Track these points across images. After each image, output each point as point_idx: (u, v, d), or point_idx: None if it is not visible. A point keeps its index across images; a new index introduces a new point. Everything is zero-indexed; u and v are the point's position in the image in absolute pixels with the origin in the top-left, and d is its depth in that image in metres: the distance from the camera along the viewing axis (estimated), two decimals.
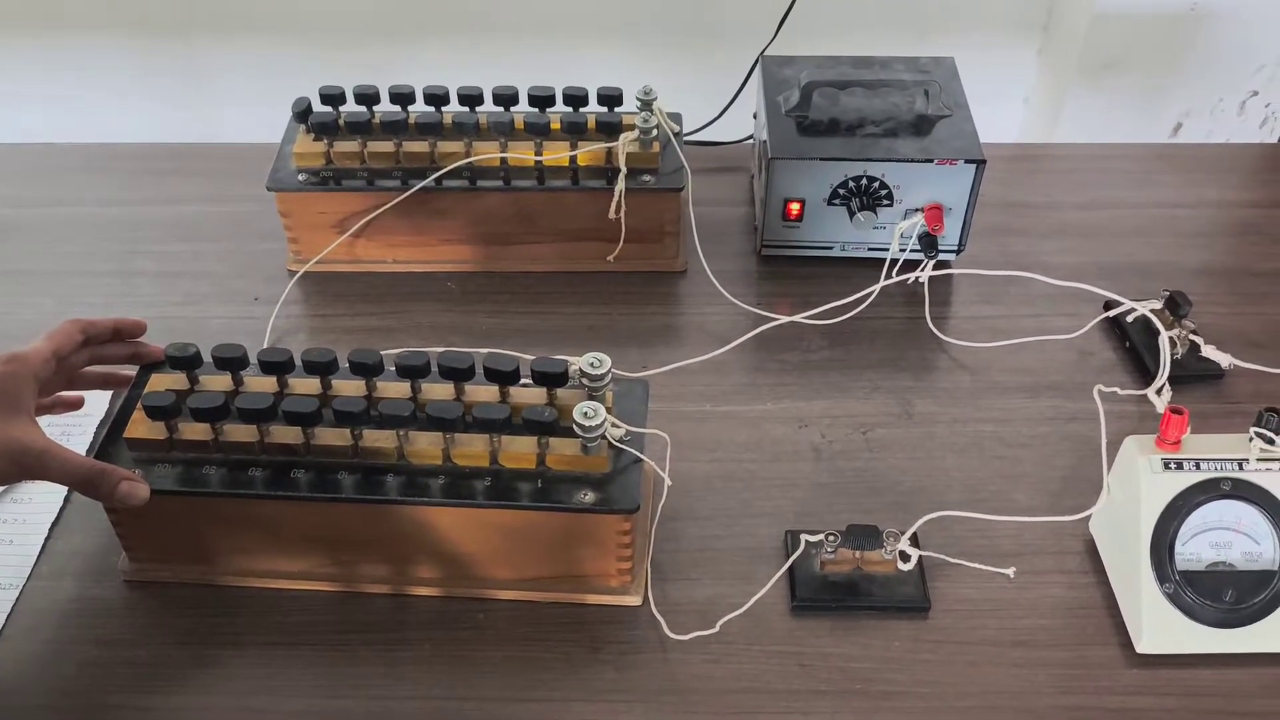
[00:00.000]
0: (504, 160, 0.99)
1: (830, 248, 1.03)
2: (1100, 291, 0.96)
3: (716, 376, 0.94)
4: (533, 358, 0.76)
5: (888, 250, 0.99)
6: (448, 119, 0.99)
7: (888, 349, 0.97)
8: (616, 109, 1.00)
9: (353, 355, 0.75)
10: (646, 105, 0.99)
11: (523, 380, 0.77)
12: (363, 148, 0.99)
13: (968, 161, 0.96)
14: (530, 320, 0.99)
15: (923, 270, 1.00)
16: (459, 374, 0.75)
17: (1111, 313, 0.97)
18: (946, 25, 1.65)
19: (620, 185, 0.97)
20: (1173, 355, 0.92)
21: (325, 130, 0.99)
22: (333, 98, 0.99)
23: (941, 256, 1.01)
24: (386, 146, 0.99)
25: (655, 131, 0.98)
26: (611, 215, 0.98)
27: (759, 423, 0.90)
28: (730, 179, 1.15)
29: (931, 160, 0.96)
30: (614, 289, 1.02)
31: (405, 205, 0.99)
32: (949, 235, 1.01)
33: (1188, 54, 1.60)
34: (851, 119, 1.00)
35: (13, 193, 1.15)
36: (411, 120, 0.99)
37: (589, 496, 0.73)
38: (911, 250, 1.00)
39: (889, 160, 0.96)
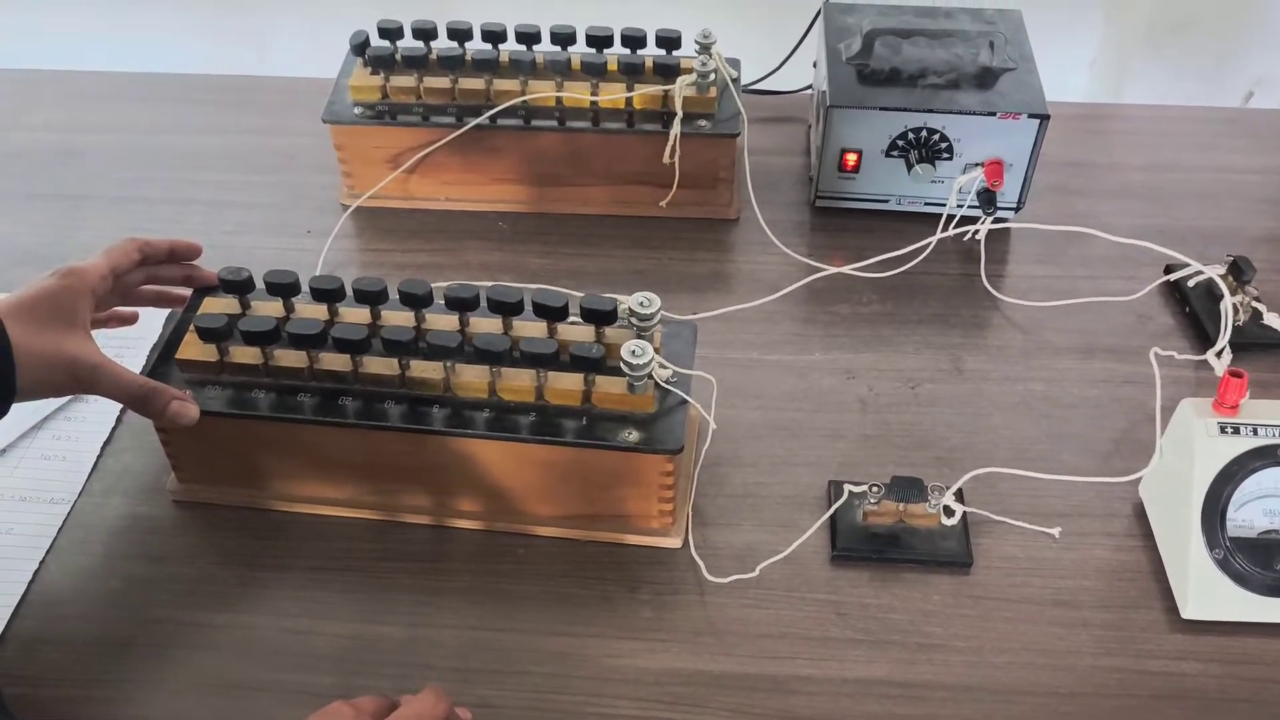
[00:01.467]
0: (559, 100, 0.98)
1: (886, 200, 1.01)
2: (1163, 250, 0.93)
3: (766, 325, 0.93)
4: (582, 295, 0.76)
5: (945, 205, 0.98)
6: (504, 57, 0.98)
7: (940, 305, 0.95)
8: (674, 52, 0.99)
9: (402, 285, 0.75)
10: (705, 49, 0.98)
11: (571, 318, 0.77)
12: (419, 83, 0.99)
13: (1031, 116, 0.94)
14: (580, 262, 0.99)
15: (980, 226, 0.98)
16: (508, 308, 0.75)
17: (1172, 276, 0.95)
18: None
19: (676, 129, 0.96)
20: (1235, 322, 0.90)
21: (382, 64, 0.98)
22: (390, 32, 0.99)
23: (1000, 213, 0.99)
24: (442, 83, 0.98)
25: (713, 76, 0.97)
26: (666, 159, 0.98)
27: (806, 373, 0.90)
28: (788, 129, 1.14)
29: (994, 114, 0.94)
30: (666, 234, 1.01)
31: (459, 143, 0.99)
32: (1008, 192, 0.99)
33: (1261, 18, 1.55)
34: (913, 69, 0.98)
35: (69, 118, 1.16)
36: (468, 57, 0.98)
37: (633, 435, 0.72)
38: (970, 206, 0.98)
39: (950, 112, 0.94)
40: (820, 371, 0.90)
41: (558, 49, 0.98)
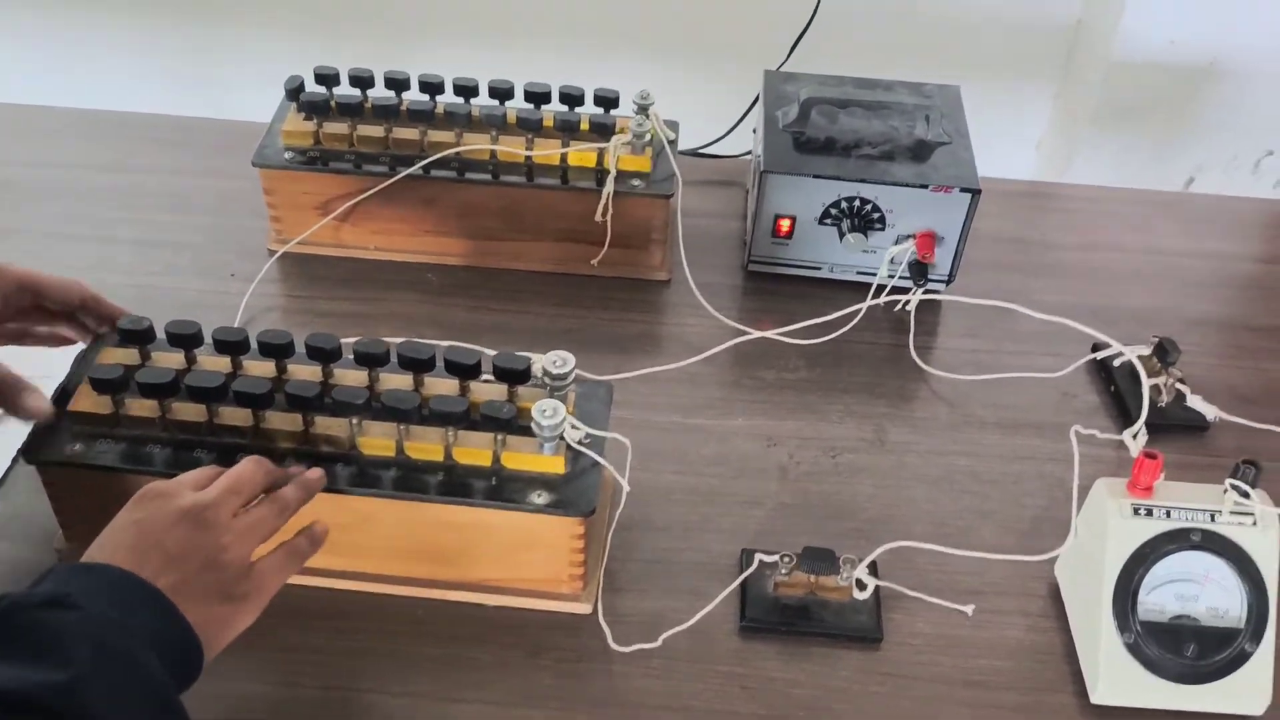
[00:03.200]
0: (494, 154, 0.97)
1: (819, 268, 1.01)
2: (1088, 331, 0.94)
3: (690, 388, 0.92)
4: (494, 354, 0.74)
5: (877, 275, 0.98)
6: (440, 108, 0.98)
7: (867, 374, 0.95)
8: (612, 111, 0.99)
9: (310, 339, 0.73)
10: (642, 110, 0.98)
11: (485, 376, 0.75)
12: (352, 130, 0.98)
13: (963, 190, 0.94)
14: (507, 318, 0.98)
15: (911, 297, 0.98)
16: (418, 365, 0.74)
17: (1098, 355, 0.95)
18: (965, 62, 1.64)
19: (608, 188, 0.95)
20: (1158, 403, 0.90)
21: (316, 110, 0.97)
22: (326, 78, 0.98)
23: (931, 285, 0.99)
24: (376, 131, 0.98)
25: (649, 137, 0.97)
26: (598, 218, 0.97)
27: (728, 438, 0.89)
28: (728, 193, 1.14)
29: (926, 186, 0.94)
30: (596, 294, 1.01)
31: (391, 192, 0.98)
32: (940, 264, 0.99)
33: (1204, 109, 1.58)
34: (849, 139, 0.98)
35: (6, 151, 1.14)
36: (404, 107, 0.97)
37: (543, 497, 0.71)
38: (901, 277, 0.98)
39: (883, 183, 0.95)
40: (742, 437, 0.89)
41: (495, 103, 0.98)
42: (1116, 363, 0.94)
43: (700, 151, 1.16)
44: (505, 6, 1.63)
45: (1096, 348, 0.96)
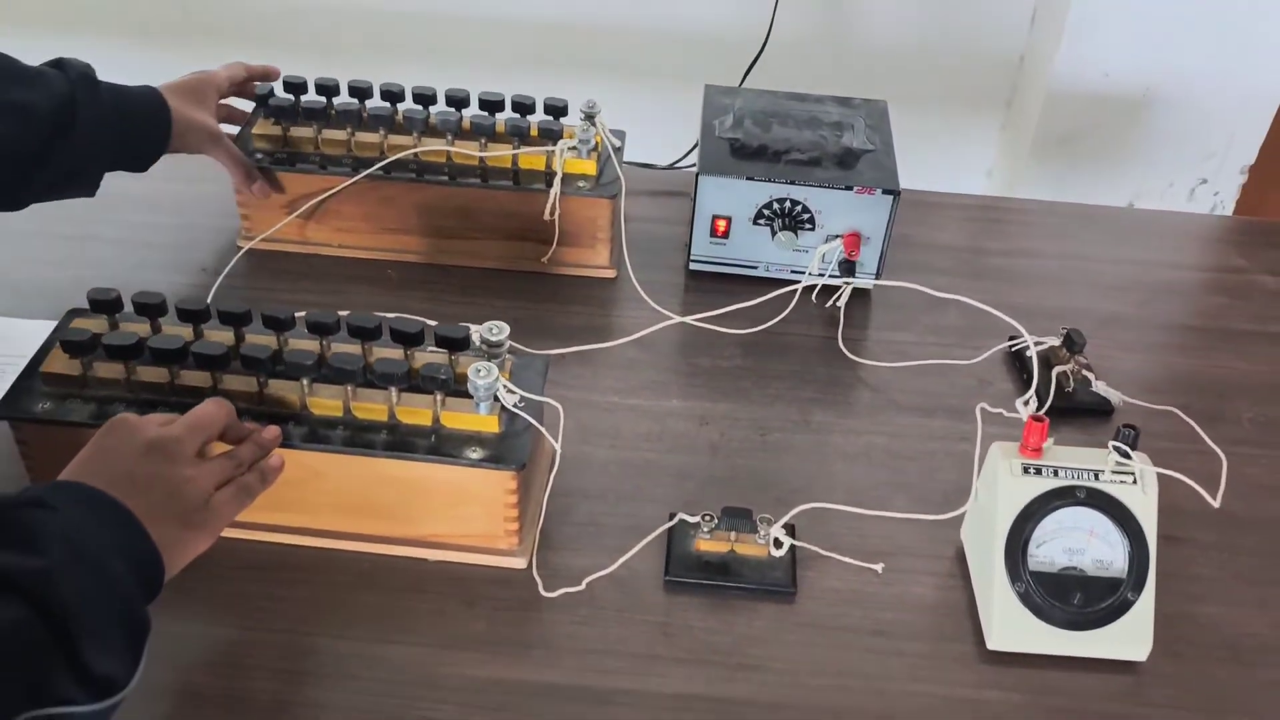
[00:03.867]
0: (449, 156, 1.04)
1: (755, 266, 1.08)
2: (1005, 319, 1.00)
3: (628, 372, 0.98)
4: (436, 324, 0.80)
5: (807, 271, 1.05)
6: (400, 115, 1.05)
7: (797, 363, 1.01)
8: (561, 120, 1.06)
9: (265, 310, 0.80)
10: (589, 118, 1.05)
11: (430, 348, 0.81)
12: (317, 134, 1.05)
13: (885, 192, 1.01)
14: (460, 309, 1.04)
15: (841, 292, 1.04)
16: (365, 333, 0.80)
17: (1012, 344, 1.02)
18: (915, 98, 1.73)
19: (555, 188, 1.02)
20: (1065, 388, 0.97)
21: (283, 115, 1.04)
22: (295, 86, 1.05)
23: (860, 283, 1.06)
24: (340, 135, 1.05)
25: (594, 143, 1.04)
26: (546, 217, 1.04)
27: (663, 418, 0.94)
28: (676, 202, 1.20)
29: (851, 188, 1.01)
30: (545, 289, 1.07)
31: (354, 192, 1.05)
32: (866, 262, 1.06)
33: (1140, 137, 1.67)
34: (780, 145, 1.05)
35: None
36: (366, 113, 1.04)
37: (477, 453, 0.77)
38: (830, 275, 1.05)
39: (810, 185, 1.02)
40: (676, 417, 0.95)
41: (451, 110, 1.05)
42: (1030, 353, 1.00)
43: (646, 163, 1.23)
44: (471, 39, 1.71)
45: (1012, 339, 1.02)
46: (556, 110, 1.06)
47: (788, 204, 1.03)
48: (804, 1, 1.54)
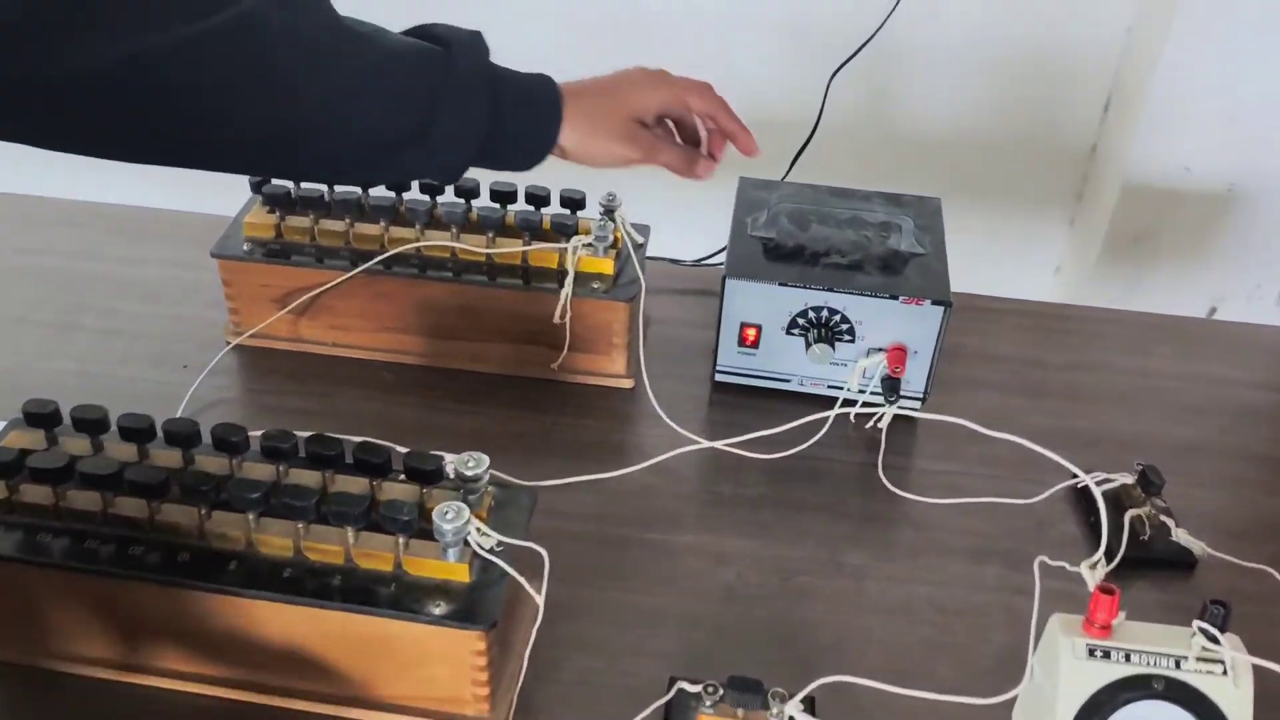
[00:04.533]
0: (454, 251, 0.95)
1: (788, 380, 0.97)
2: (1063, 463, 0.88)
3: (638, 500, 0.87)
4: (405, 451, 0.71)
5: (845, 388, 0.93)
6: (403, 205, 0.96)
7: (830, 494, 0.90)
8: (579, 213, 0.97)
9: (216, 429, 0.70)
10: (609, 212, 0.96)
11: (402, 475, 0.72)
12: (314, 224, 0.97)
13: (935, 302, 0.90)
14: (457, 419, 0.94)
15: (882, 413, 0.93)
16: (325, 461, 0.70)
17: (1078, 482, 0.89)
18: (978, 189, 1.62)
19: (566, 289, 0.93)
20: (1140, 536, 0.84)
21: (278, 203, 0.97)
22: None
23: (905, 402, 0.95)
24: (338, 225, 0.96)
25: (611, 239, 0.94)
26: (556, 319, 0.94)
27: (673, 553, 0.83)
28: (704, 302, 1.10)
29: (896, 297, 0.90)
30: (555, 398, 0.97)
31: (351, 288, 0.96)
32: (913, 380, 0.94)
33: (1222, 236, 1.54)
34: (819, 247, 0.95)
35: None
36: (366, 203, 0.96)
37: (441, 607, 0.66)
38: (872, 392, 0.94)
39: (850, 292, 0.91)
40: (689, 553, 0.84)
41: (459, 201, 0.96)
42: (1097, 491, 0.88)
43: (680, 260, 1.14)
44: None
45: (1077, 474, 0.90)
46: (573, 203, 0.96)
47: (824, 313, 0.92)
48: (857, 86, 1.44)
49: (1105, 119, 1.58)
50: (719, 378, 0.98)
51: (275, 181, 0.97)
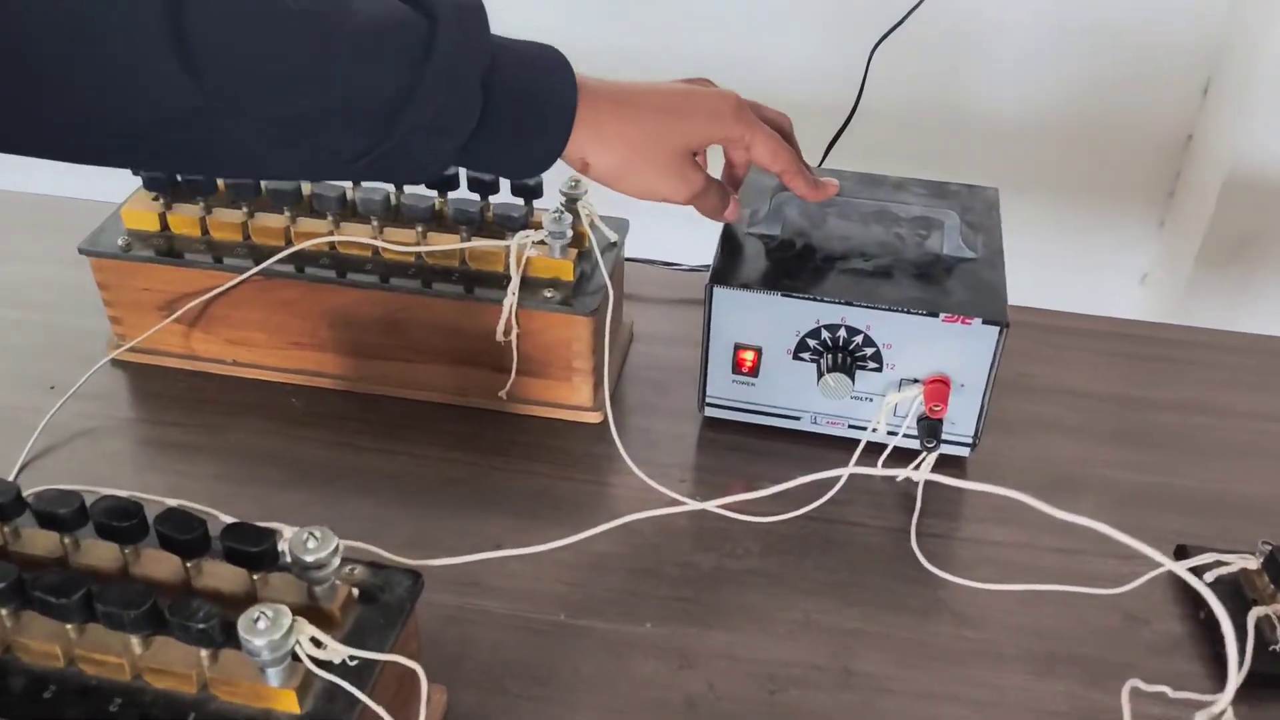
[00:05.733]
0: (376, 250, 0.76)
1: (798, 417, 0.76)
2: (1150, 552, 0.66)
3: (586, 575, 0.67)
4: (226, 524, 0.51)
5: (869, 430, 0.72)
6: (309, 189, 0.77)
7: (845, 569, 0.68)
8: (535, 202, 0.77)
9: (39, 498, 0.51)
10: (571, 202, 0.75)
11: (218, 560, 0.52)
12: (205, 214, 0.78)
13: (987, 322, 0.68)
14: (376, 460, 0.75)
15: (920, 464, 0.71)
16: (122, 534, 0.51)
17: (1183, 565, 0.66)
18: (1047, 184, 1.39)
19: (510, 298, 0.73)
20: (1271, 645, 0.61)
21: (161, 186, 0.78)
22: None
23: (948, 450, 0.73)
24: (234, 215, 0.77)
25: (569, 235, 0.74)
26: (499, 336, 0.74)
27: (623, 651, 0.63)
28: (699, 317, 0.90)
29: (936, 315, 0.69)
30: (501, 435, 0.77)
31: (250, 293, 0.77)
32: (958, 421, 0.72)
33: None
34: (835, 248, 0.73)
35: None
36: (267, 188, 0.77)
37: None
38: (905, 435, 0.72)
39: (876, 307, 0.69)
40: (645, 651, 0.63)
41: (382, 186, 0.77)
42: (1210, 576, 0.65)
43: (674, 264, 0.93)
44: None
45: (1181, 553, 0.67)
46: (526, 191, 0.76)
47: (842, 333, 0.71)
48: (905, 63, 1.21)
49: (1204, 104, 1.34)
50: (709, 412, 0.77)
51: None
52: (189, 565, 0.51)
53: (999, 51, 1.33)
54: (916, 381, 0.71)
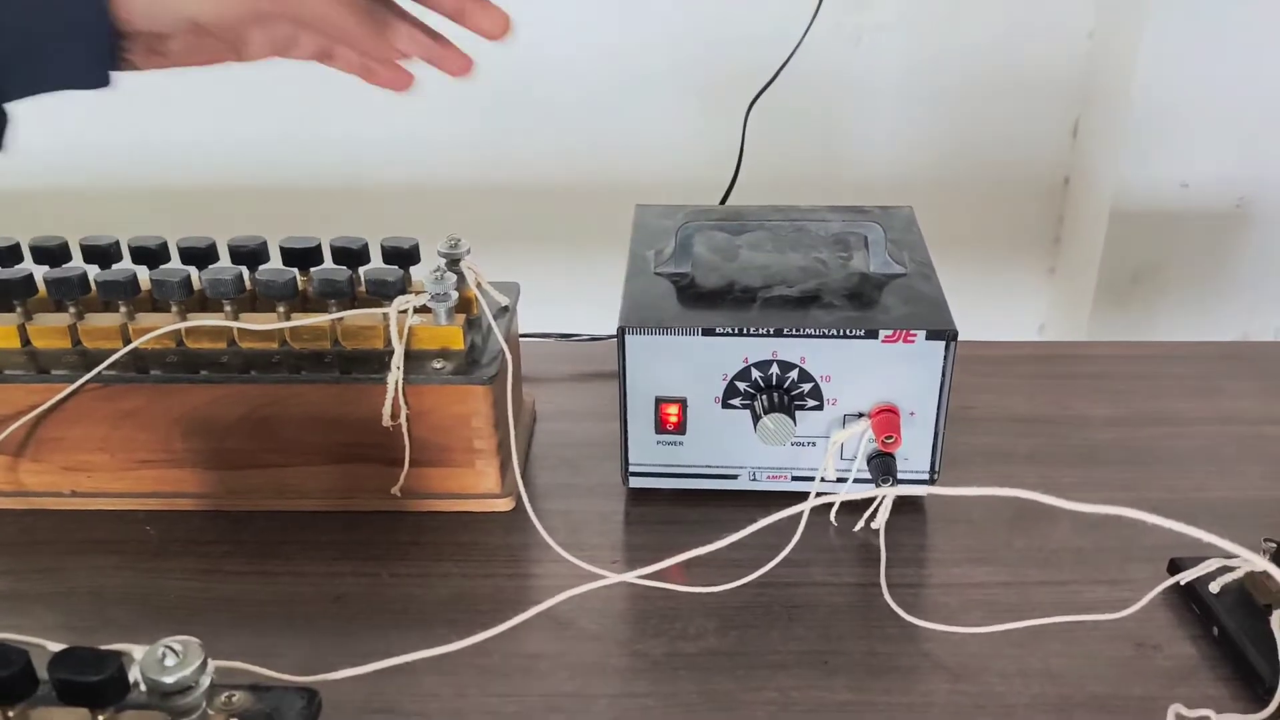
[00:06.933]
0: (231, 337, 0.66)
1: (735, 475, 0.67)
2: (1162, 529, 0.58)
3: (523, 679, 0.56)
4: (60, 649, 0.39)
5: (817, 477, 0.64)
6: (149, 278, 0.67)
7: (815, 636, 0.59)
8: (412, 268, 0.68)
9: None
10: (452, 262, 0.67)
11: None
12: (24, 319, 0.66)
13: (931, 335, 0.61)
14: (251, 585, 0.63)
15: (875, 508, 0.64)
16: None
17: (1182, 577, 0.59)
18: (938, 241, 1.36)
19: (395, 374, 0.63)
20: None
21: None
22: (3, 253, 0.68)
23: (905, 488, 0.65)
24: (59, 319, 0.66)
25: (455, 298, 0.65)
26: (386, 421, 0.64)
27: None
28: (608, 389, 0.80)
29: (875, 334, 0.62)
30: (395, 537, 0.66)
31: (84, 406, 0.65)
32: (913, 454, 0.65)
33: (1240, 258, 1.28)
34: (754, 279, 0.66)
35: None
36: (94, 280, 0.66)
37: None
38: (855, 479, 0.64)
39: (809, 335, 0.62)
40: None
41: (230, 266, 0.67)
42: (1215, 586, 0.58)
43: (569, 335, 0.85)
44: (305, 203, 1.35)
45: (1175, 566, 0.60)
46: (400, 255, 0.67)
47: (774, 370, 0.63)
48: (783, 131, 1.18)
49: (1075, 144, 1.34)
50: (634, 482, 0.68)
51: None
52: (10, 715, 0.39)
53: (869, 113, 1.32)
54: (862, 415, 0.64)
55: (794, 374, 0.63)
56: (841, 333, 0.62)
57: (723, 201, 1.06)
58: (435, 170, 1.33)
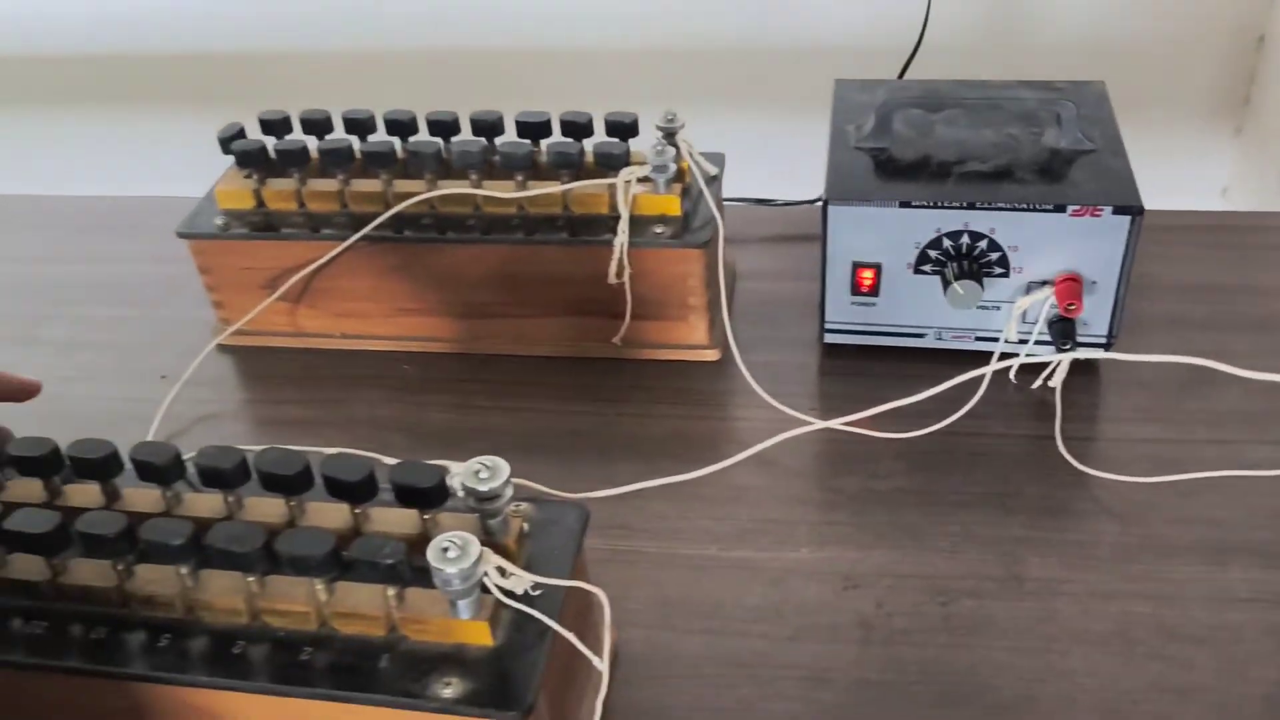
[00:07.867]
0: (477, 203, 0.75)
1: (922, 335, 0.74)
2: None
3: (734, 507, 0.65)
4: (393, 463, 0.50)
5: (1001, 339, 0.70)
6: (406, 150, 0.76)
7: (994, 480, 0.66)
8: (630, 141, 0.75)
9: (135, 452, 0.51)
10: (668, 136, 0.74)
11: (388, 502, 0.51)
12: (300, 185, 0.77)
13: (1118, 211, 0.66)
14: (498, 419, 0.74)
15: (1053, 369, 0.70)
16: (286, 484, 0.50)
17: None
18: (1120, 98, 1.35)
19: (621, 237, 0.71)
20: None
21: (254, 162, 0.77)
22: (273, 124, 0.78)
23: (1083, 352, 0.71)
24: (329, 185, 0.76)
25: (674, 169, 0.72)
26: (612, 279, 0.73)
27: (785, 578, 0.61)
28: (802, 250, 0.87)
29: (1064, 209, 0.67)
30: (621, 381, 0.76)
31: (353, 262, 0.76)
32: (1093, 320, 0.70)
33: None
34: (949, 153, 0.71)
35: None
36: (359, 151, 0.76)
37: (453, 687, 0.45)
38: (1038, 340, 0.70)
39: (1000, 208, 0.67)
40: (806, 576, 0.61)
41: (477, 139, 0.75)
42: None
43: (766, 200, 0.91)
44: (516, 67, 1.41)
45: None
46: (622, 129, 0.75)
47: (965, 239, 0.69)
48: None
49: (1275, 2, 1.30)
50: (829, 338, 0.75)
51: (250, 135, 0.78)
52: (357, 512, 0.50)
53: None
54: (1047, 283, 0.69)
55: (983, 244, 0.69)
56: (1031, 206, 0.67)
57: (905, 68, 1.09)
58: (615, 36, 1.38)
